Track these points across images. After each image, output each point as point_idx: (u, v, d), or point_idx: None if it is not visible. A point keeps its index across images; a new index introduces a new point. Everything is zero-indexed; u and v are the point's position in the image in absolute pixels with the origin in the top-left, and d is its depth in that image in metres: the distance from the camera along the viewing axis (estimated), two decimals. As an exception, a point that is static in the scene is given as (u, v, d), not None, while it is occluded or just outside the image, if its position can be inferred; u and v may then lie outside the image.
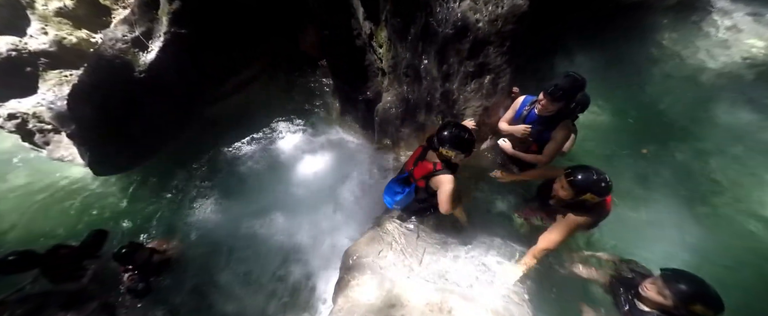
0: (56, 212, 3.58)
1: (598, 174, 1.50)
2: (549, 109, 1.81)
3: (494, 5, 2.09)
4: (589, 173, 1.51)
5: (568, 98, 1.77)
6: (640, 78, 3.32)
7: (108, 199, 3.71)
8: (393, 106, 2.81)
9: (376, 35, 3.03)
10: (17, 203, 3.66)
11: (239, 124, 4.13)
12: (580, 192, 1.52)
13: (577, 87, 1.74)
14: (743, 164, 2.53)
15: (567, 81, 1.73)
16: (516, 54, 2.21)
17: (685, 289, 1.22)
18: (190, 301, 2.64)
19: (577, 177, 1.51)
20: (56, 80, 3.39)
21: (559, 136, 1.88)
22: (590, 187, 1.49)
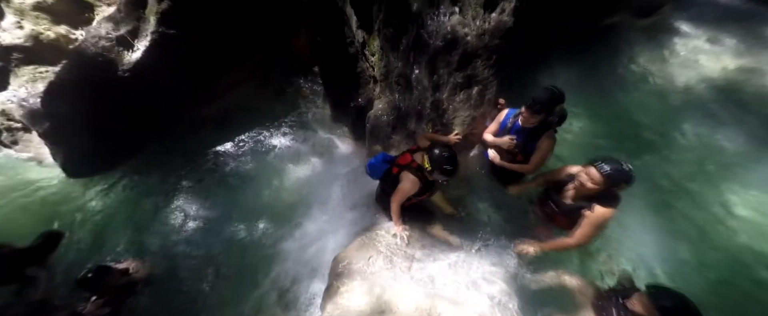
0: (21, 216, 3.34)
1: (623, 163, 1.54)
2: (531, 121, 1.92)
3: (482, 20, 2.20)
4: (616, 163, 1.54)
5: (547, 110, 1.87)
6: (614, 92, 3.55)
7: (80, 202, 3.50)
8: (384, 114, 2.86)
9: (368, 44, 3.10)
10: (-23, 206, 3.39)
11: (226, 127, 4.04)
12: (614, 183, 1.54)
13: (555, 100, 1.85)
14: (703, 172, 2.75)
15: (545, 94, 1.84)
16: (502, 67, 2.33)
17: (670, 306, 1.28)
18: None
19: (609, 168, 1.53)
20: (30, 76, 3.21)
21: (544, 146, 1.99)
22: (624, 176, 1.53)
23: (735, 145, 2.90)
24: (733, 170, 2.71)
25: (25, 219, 3.30)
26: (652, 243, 2.27)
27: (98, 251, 3.01)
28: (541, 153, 2.01)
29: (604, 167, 1.56)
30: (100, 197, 3.53)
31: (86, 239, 3.13)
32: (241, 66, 4.08)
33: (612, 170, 1.55)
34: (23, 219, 3.29)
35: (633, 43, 3.96)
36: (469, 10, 2.19)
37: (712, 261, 2.22)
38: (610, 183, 1.56)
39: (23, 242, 2.92)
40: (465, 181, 2.60)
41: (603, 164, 1.57)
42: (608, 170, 1.55)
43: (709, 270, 2.17)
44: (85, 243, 3.09)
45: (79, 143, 3.19)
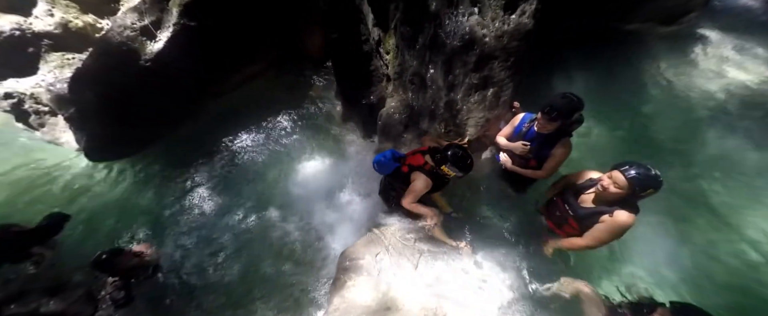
0: (44, 195, 3.49)
1: (651, 167, 1.49)
2: (547, 128, 1.88)
3: (501, 22, 2.18)
4: (643, 167, 1.48)
5: (564, 118, 1.82)
6: (632, 100, 3.46)
7: (99, 185, 3.64)
8: (396, 112, 2.86)
9: (384, 42, 3.10)
10: (7, 183, 3.57)
11: (239, 120, 4.12)
12: (642, 188, 1.49)
13: (573, 108, 1.79)
14: (726, 187, 2.65)
15: (563, 102, 1.78)
16: (519, 69, 2.30)
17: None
18: (177, 301, 2.56)
19: (635, 172, 1.47)
20: (58, 62, 3.35)
21: (559, 153, 1.94)
22: (652, 182, 1.47)
23: (760, 160, 2.78)
24: (756, 185, 2.61)
25: (47, 198, 3.45)
26: (669, 256, 2.21)
27: (113, 233, 3.12)
28: (556, 160, 1.97)
29: (630, 172, 1.50)
30: (118, 181, 3.65)
31: (102, 222, 3.25)
32: (254, 60, 4.15)
33: (638, 174, 1.49)
34: (45, 198, 3.45)
35: (655, 50, 3.85)
36: (488, 11, 2.17)
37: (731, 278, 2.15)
38: (635, 188, 1.50)
39: (65, 213, 3.09)
40: (475, 183, 2.58)
41: (629, 169, 1.51)
42: (634, 174, 1.50)
43: (729, 287, 2.10)
44: (101, 225, 3.22)
45: (100, 129, 3.32)
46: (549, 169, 2.01)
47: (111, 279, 2.34)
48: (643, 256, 2.19)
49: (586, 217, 1.71)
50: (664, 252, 2.23)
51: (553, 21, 2.50)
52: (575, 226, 1.81)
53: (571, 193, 1.84)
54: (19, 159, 3.80)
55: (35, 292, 2.27)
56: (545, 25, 2.25)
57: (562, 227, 1.93)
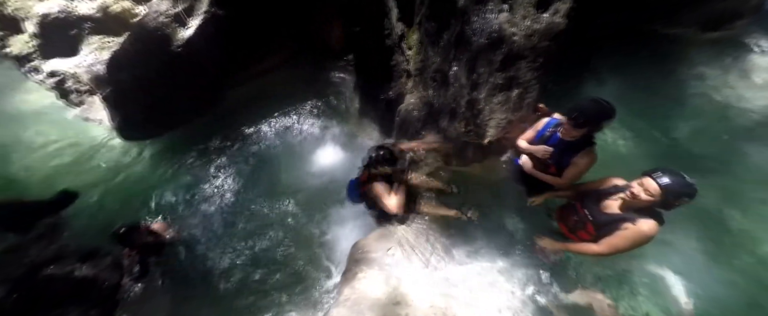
0: (78, 168, 3.75)
1: (686, 176, 1.41)
2: (572, 135, 1.79)
3: (532, 20, 2.10)
4: (677, 175, 1.41)
5: (592, 125, 1.71)
6: (667, 109, 3.26)
7: (128, 162, 3.86)
8: (416, 109, 2.84)
9: (407, 37, 3.07)
10: (45, 156, 3.86)
11: (259, 109, 4.23)
12: (675, 196, 1.42)
13: (603, 115, 1.67)
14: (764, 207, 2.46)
15: (592, 107, 1.67)
16: (547, 71, 2.22)
17: None
18: (191, 281, 2.69)
19: (669, 180, 1.40)
20: (98, 45, 3.55)
21: (582, 162, 1.85)
22: (686, 190, 1.39)
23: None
24: (802, 210, 2.41)
25: (80, 171, 3.71)
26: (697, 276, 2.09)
27: (136, 208, 3.31)
28: (578, 169, 1.88)
29: (663, 179, 1.43)
30: (145, 160, 3.86)
31: (127, 197, 3.46)
32: (275, 51, 4.23)
33: (672, 181, 1.42)
34: (79, 170, 3.71)
35: (697, 56, 3.59)
36: (519, 9, 2.09)
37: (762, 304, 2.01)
38: (668, 196, 1.43)
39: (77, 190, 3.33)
40: (491, 186, 2.54)
41: (662, 175, 1.44)
42: (667, 181, 1.42)
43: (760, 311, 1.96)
44: (126, 200, 3.42)
45: (133, 109, 3.51)
46: (570, 177, 1.92)
47: (129, 252, 2.51)
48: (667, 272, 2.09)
49: (607, 223, 1.64)
50: (690, 271, 2.11)
51: (588, 17, 2.37)
52: (592, 232, 1.73)
53: (592, 198, 1.77)
54: (58, 133, 4.09)
55: (70, 257, 2.45)
56: (579, 21, 2.14)
57: (576, 232, 1.86)
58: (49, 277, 2.30)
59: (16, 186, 3.41)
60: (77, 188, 3.20)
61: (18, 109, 4.41)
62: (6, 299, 2.05)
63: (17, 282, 2.14)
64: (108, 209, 3.32)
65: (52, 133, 4.09)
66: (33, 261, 2.32)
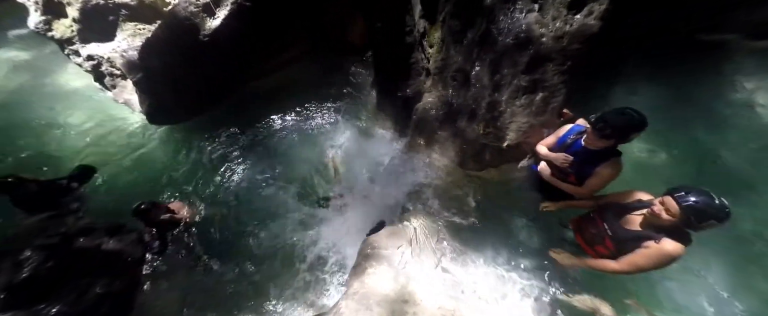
0: (106, 148, 3.99)
1: (716, 197, 1.30)
2: (596, 145, 1.70)
3: (563, 22, 2.00)
4: (705, 195, 1.30)
5: (619, 137, 1.62)
6: (705, 123, 3.05)
7: (153, 145, 4.07)
8: (433, 108, 2.80)
9: (429, 34, 3.02)
10: (79, 133, 4.13)
11: (277, 101, 4.32)
12: (699, 219, 1.31)
13: (632, 127, 1.57)
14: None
15: (621, 119, 1.56)
16: (575, 75, 2.12)
17: None
18: (205, 261, 2.79)
19: (693, 200, 1.30)
20: (132, 31, 3.72)
21: (605, 173, 1.76)
22: (714, 212, 1.28)
23: None
24: None
25: (108, 150, 3.95)
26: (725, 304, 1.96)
27: (158, 187, 3.48)
28: (601, 180, 1.79)
29: (688, 199, 1.32)
30: (169, 143, 4.05)
31: (149, 176, 3.65)
32: (296, 44, 4.28)
33: (697, 202, 1.31)
34: (106, 150, 3.95)
35: (741, 67, 3.32)
36: (550, 9, 2.00)
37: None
38: (690, 218, 1.32)
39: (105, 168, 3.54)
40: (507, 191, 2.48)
41: (686, 195, 1.33)
42: (691, 202, 1.31)
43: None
44: (149, 180, 3.61)
45: (161, 95, 3.67)
46: (591, 187, 1.83)
47: (149, 228, 2.64)
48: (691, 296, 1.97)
49: (628, 240, 1.55)
50: (718, 298, 1.99)
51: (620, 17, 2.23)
52: (610, 247, 1.65)
53: (613, 212, 1.68)
54: (91, 114, 4.35)
55: (99, 230, 2.63)
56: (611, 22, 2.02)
57: (593, 246, 1.77)
58: (80, 248, 2.47)
59: (48, 161, 3.67)
60: (100, 165, 3.42)
61: (58, 90, 4.72)
62: (42, 266, 2.22)
63: (52, 251, 2.31)
64: (132, 187, 3.52)
65: (85, 113, 4.36)
66: (66, 232, 2.49)
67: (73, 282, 2.30)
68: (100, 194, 3.42)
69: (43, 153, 3.87)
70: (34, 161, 3.71)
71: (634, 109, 1.59)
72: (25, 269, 2.16)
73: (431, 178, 2.57)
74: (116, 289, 2.41)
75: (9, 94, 4.68)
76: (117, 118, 4.30)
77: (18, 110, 4.38)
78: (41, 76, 4.94)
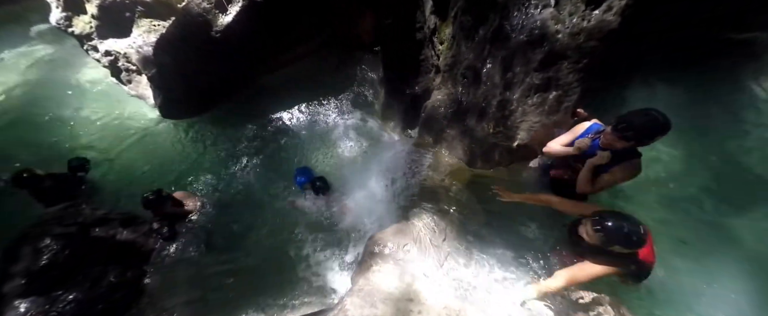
0: (120, 141, 4.10)
1: (630, 225, 1.36)
2: (616, 146, 1.62)
3: (580, 18, 1.93)
4: (619, 222, 1.37)
5: (640, 141, 1.55)
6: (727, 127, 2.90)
7: (165, 138, 4.16)
8: (442, 106, 2.76)
9: (439, 31, 2.97)
10: (95, 126, 4.26)
11: (286, 97, 4.36)
12: (607, 242, 1.41)
13: (658, 130, 1.49)
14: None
15: (644, 120, 1.49)
16: (591, 73, 2.05)
17: None
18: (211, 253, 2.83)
19: (605, 225, 1.38)
20: (147, 28, 3.81)
21: (620, 173, 1.69)
22: (619, 239, 1.37)
23: None
24: None
25: (125, 142, 4.04)
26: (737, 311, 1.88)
27: (168, 179, 3.57)
28: (614, 178, 1.73)
29: (601, 224, 1.40)
30: (180, 137, 4.13)
31: (161, 168, 3.74)
32: (306, 40, 4.30)
33: (607, 227, 1.38)
34: (124, 141, 4.04)
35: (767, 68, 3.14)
36: (567, 5, 1.93)
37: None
38: (602, 241, 1.40)
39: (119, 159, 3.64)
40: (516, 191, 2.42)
41: (603, 219, 1.40)
42: (600, 226, 1.39)
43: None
44: (160, 171, 3.70)
45: (174, 90, 3.76)
46: (603, 184, 1.76)
47: (157, 218, 2.71)
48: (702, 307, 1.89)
49: (589, 251, 1.56)
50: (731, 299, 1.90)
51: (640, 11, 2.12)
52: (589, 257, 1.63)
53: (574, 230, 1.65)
54: (106, 108, 4.49)
55: (114, 221, 2.71)
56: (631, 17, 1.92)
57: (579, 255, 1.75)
58: (96, 238, 2.56)
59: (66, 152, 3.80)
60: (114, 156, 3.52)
61: (76, 83, 4.89)
62: (59, 254, 2.31)
63: (69, 240, 2.40)
64: (144, 179, 3.61)
65: (102, 106, 4.50)
66: (83, 222, 2.59)
67: (89, 270, 2.38)
68: (113, 185, 3.52)
69: (60, 145, 4.02)
70: (52, 152, 3.86)
71: (658, 111, 1.51)
72: (44, 257, 2.25)
73: (438, 176, 2.54)
74: (129, 277, 2.49)
75: (30, 87, 4.87)
76: (132, 111, 4.42)
77: (38, 103, 4.56)
78: (61, 71, 5.11)
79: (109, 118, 4.37)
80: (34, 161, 3.45)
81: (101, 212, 2.72)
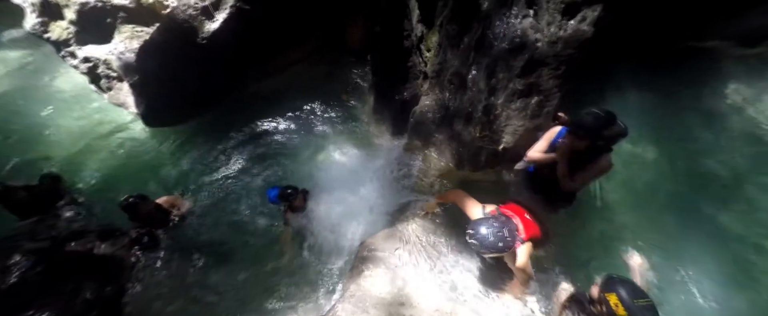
0: (100, 151, 3.95)
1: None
2: (578, 146, 1.80)
3: (557, 27, 2.05)
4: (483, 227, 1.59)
5: (592, 136, 1.74)
6: (695, 127, 3.11)
7: (148, 148, 4.03)
8: (430, 111, 2.83)
9: (426, 39, 3.06)
10: (74, 135, 4.08)
11: (276, 104, 4.33)
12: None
13: (600, 125, 1.71)
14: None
15: (588, 119, 1.72)
16: (569, 79, 2.16)
17: (618, 288, 1.34)
18: (199, 263, 2.74)
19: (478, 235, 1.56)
20: (129, 34, 3.71)
21: (592, 169, 1.87)
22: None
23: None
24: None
25: (106, 152, 3.90)
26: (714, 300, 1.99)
27: (152, 190, 3.43)
28: (587, 175, 1.89)
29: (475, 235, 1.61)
30: (165, 146, 4.02)
31: (144, 178, 3.61)
32: (297, 47, 4.31)
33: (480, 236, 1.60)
34: (104, 151, 3.90)
35: (730, 74, 3.40)
36: (545, 15, 2.05)
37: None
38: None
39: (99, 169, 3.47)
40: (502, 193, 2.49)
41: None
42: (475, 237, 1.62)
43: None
44: (143, 182, 3.57)
45: (157, 97, 3.65)
46: (579, 181, 1.93)
47: (138, 224, 2.60)
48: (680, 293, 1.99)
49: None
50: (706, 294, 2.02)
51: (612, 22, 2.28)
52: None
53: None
54: (86, 116, 4.31)
55: (91, 234, 2.58)
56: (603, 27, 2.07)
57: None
58: (71, 252, 2.42)
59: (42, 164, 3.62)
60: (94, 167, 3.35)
61: (53, 91, 4.68)
62: (30, 271, 2.16)
63: (41, 255, 2.26)
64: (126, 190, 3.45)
65: (80, 115, 4.32)
66: (57, 236, 2.45)
67: (62, 287, 2.24)
68: (92, 196, 3.36)
69: (37, 155, 3.82)
70: (28, 163, 3.66)
71: (600, 108, 1.76)
72: (13, 276, 2.10)
73: (428, 180, 2.58)
74: (107, 294, 2.35)
75: (3, 96, 4.63)
76: (112, 120, 4.26)
77: (12, 112, 4.33)
78: (36, 78, 4.89)
79: (88, 126, 4.20)
80: (8, 172, 3.26)
81: (78, 224, 2.58)
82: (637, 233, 2.47)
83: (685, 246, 2.40)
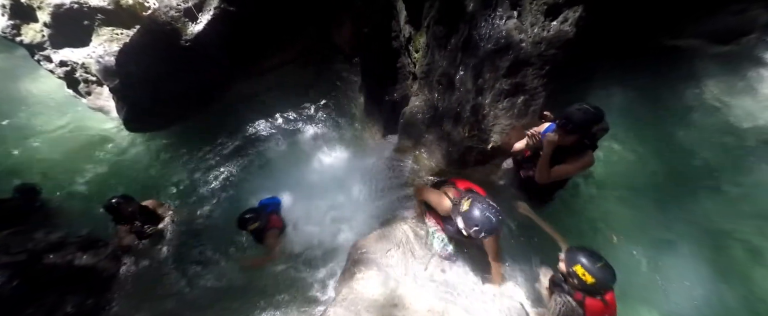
0: (80, 156, 3.80)
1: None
2: (565, 141, 1.83)
3: (540, 28, 2.10)
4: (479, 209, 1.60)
5: (580, 132, 1.77)
6: (673, 122, 3.24)
7: (132, 153, 3.91)
8: (420, 112, 2.84)
9: (414, 40, 3.07)
10: (52, 142, 3.91)
11: (265, 105, 4.26)
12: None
13: (590, 120, 1.74)
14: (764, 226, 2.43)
15: (578, 115, 1.73)
16: (554, 78, 2.21)
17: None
18: (185, 266, 2.69)
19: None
20: (108, 36, 3.59)
21: (573, 163, 1.89)
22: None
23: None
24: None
25: (85, 157, 3.76)
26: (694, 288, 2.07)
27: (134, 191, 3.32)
28: (569, 168, 1.91)
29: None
30: (148, 151, 3.90)
31: (126, 184, 3.50)
32: (284, 49, 4.24)
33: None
34: (83, 157, 3.76)
35: (704, 70, 3.56)
36: (528, 16, 2.09)
37: None
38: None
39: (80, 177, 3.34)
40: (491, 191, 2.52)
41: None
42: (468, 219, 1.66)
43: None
44: (125, 188, 3.43)
45: (139, 101, 3.54)
46: (558, 172, 1.94)
47: (122, 228, 2.55)
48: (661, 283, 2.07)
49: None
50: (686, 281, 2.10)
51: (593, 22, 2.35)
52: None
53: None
54: (64, 122, 4.14)
55: (71, 245, 2.48)
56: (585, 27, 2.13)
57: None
58: (50, 265, 2.32)
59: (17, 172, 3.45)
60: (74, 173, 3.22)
61: (27, 96, 4.48)
62: (5, 286, 2.06)
63: (17, 269, 2.16)
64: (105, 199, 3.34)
65: (58, 121, 4.15)
66: (34, 249, 2.34)
67: (43, 300, 2.15)
68: (71, 206, 3.23)
69: (12, 163, 3.64)
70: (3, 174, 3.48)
71: (589, 103, 1.77)
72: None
73: (419, 180, 2.59)
74: (89, 306, 2.27)
75: (-28, 102, 4.39)
76: (92, 125, 4.11)
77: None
78: (10, 83, 4.68)
79: (66, 133, 4.04)
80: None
81: (56, 235, 2.48)
82: (614, 224, 2.55)
83: (661, 236, 2.49)
